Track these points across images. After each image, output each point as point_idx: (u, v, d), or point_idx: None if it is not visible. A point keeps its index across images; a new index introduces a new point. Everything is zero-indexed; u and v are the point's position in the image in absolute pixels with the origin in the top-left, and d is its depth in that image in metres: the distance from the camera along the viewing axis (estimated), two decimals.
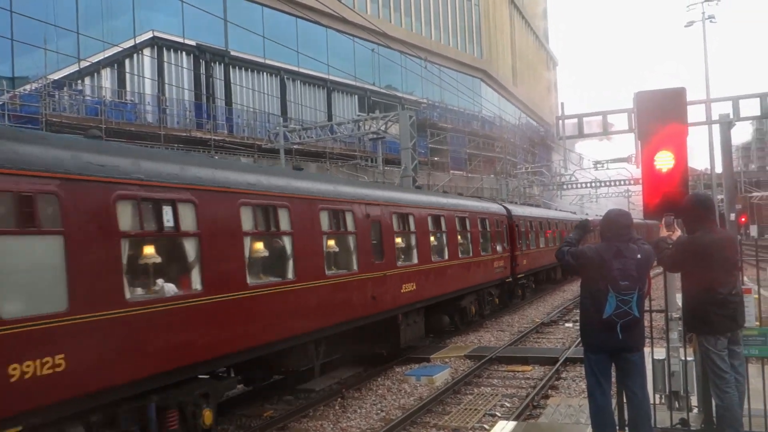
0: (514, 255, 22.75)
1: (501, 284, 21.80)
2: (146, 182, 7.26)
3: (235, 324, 8.40)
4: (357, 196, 12.38)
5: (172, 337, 7.39)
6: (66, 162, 6.45)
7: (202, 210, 7.96)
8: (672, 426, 6.62)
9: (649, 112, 6.92)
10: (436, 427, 9.93)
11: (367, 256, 12.24)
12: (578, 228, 6.35)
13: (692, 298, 5.98)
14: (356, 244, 11.91)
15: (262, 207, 9.29)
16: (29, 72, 27.04)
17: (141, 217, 7.14)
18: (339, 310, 11.17)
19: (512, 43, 70.45)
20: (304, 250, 10.14)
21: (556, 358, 13.96)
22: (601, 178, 53.82)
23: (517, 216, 23.99)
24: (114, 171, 6.94)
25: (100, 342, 6.45)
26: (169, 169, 7.79)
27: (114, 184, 6.86)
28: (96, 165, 6.78)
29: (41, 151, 6.29)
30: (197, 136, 29.59)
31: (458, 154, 48.80)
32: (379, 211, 12.97)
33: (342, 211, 11.59)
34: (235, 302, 8.38)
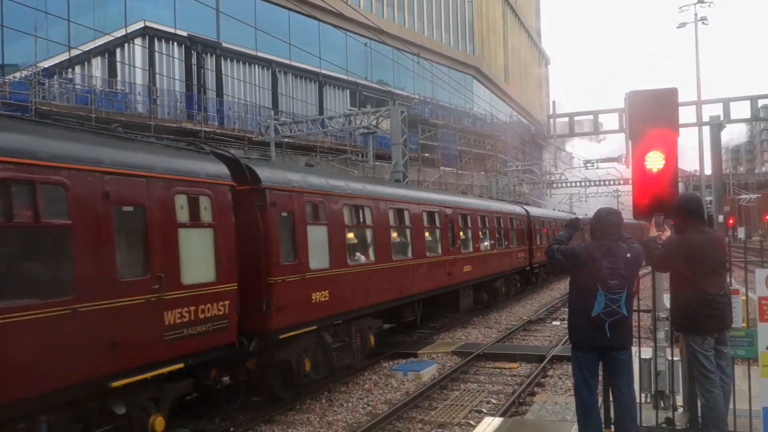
0: (531, 248, 27.28)
1: (522, 271, 26.90)
2: (350, 194, 12.64)
3: (387, 281, 13.76)
4: (442, 202, 17.93)
5: (364, 285, 12.72)
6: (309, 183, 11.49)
7: (374, 211, 13.47)
8: (657, 425, 6.65)
9: (640, 112, 6.94)
10: (423, 422, 9.94)
11: (446, 244, 17.53)
12: (568, 226, 6.37)
13: (680, 298, 6.01)
14: (441, 235, 17.32)
15: (396, 210, 14.73)
16: (19, 59, 26.85)
17: (351, 215, 12.68)
18: (431, 281, 16.38)
19: (505, 41, 70.52)
20: (418, 238, 15.70)
21: (543, 356, 14.03)
22: (590, 177, 54.01)
23: (533, 216, 29.11)
24: (338, 189, 12.30)
25: (342, 285, 11.77)
26: (365, 187, 13.70)
27: (339, 197, 12.15)
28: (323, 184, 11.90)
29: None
30: (188, 128, 29.44)
31: (449, 151, 48.81)
32: (451, 212, 18.13)
33: (433, 212, 17.01)
34: (388, 269, 13.85)
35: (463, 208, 19.41)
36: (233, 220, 8.90)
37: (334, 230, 11.67)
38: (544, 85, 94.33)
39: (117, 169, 7.11)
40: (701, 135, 21.49)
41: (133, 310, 7.13)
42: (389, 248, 13.97)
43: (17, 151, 6.08)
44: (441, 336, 17.51)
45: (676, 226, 6.29)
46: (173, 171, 8.01)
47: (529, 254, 26.92)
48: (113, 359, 6.82)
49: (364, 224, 13.15)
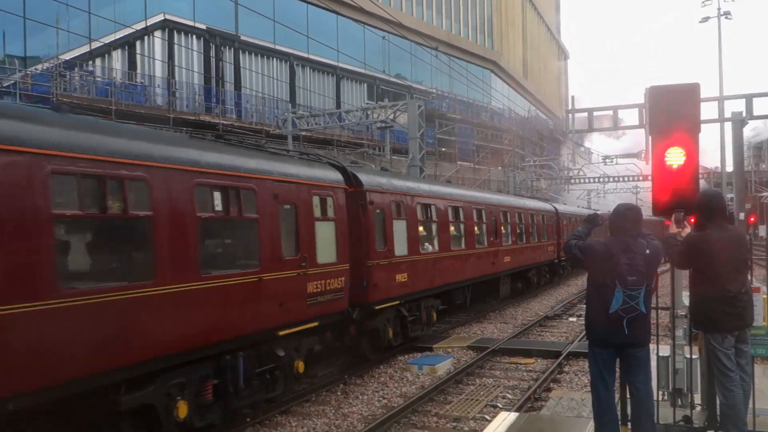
0: (559, 242, 29.02)
1: (551, 264, 29.18)
2: (421, 194, 15.40)
3: (446, 268, 16.43)
4: (487, 200, 20.75)
5: (431, 270, 15.41)
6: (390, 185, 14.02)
7: (438, 208, 16.12)
8: (675, 422, 6.61)
9: (661, 107, 6.85)
10: (438, 416, 9.96)
11: (491, 237, 20.26)
12: (587, 222, 6.33)
13: (701, 296, 5.95)
14: (486, 229, 19.91)
15: (453, 207, 17.31)
16: (41, 52, 27.07)
17: (421, 212, 15.23)
18: (479, 269, 19.10)
19: (524, 35, 70.06)
20: (469, 231, 18.28)
21: (559, 352, 13.98)
22: (609, 173, 53.59)
23: (561, 213, 31.39)
24: (413, 190, 15.12)
25: (416, 269, 14.45)
26: (431, 188, 16.82)
27: (414, 196, 14.90)
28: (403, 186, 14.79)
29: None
30: (206, 120, 29.58)
31: (466, 146, 48.64)
32: (494, 209, 20.91)
33: (480, 209, 19.54)
34: (448, 257, 16.49)
35: (503, 205, 22.37)
36: (346, 215, 11.62)
37: (411, 224, 14.51)
38: (563, 79, 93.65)
39: (281, 178, 9.82)
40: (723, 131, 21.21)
41: (291, 281, 9.84)
42: (449, 240, 16.77)
43: (236, 167, 8.88)
44: (457, 330, 17.51)
45: (697, 222, 6.22)
46: (311, 178, 10.72)
47: (557, 248, 29.08)
48: (280, 315, 9.54)
49: (431, 219, 15.85)
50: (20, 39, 27.40)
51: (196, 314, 7.85)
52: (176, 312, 7.54)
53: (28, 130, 6.11)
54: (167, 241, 7.47)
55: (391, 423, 9.43)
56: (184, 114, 29.42)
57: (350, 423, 9.62)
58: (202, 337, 7.96)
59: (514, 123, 56.61)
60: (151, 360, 7.20)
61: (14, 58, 27.10)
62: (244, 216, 8.83)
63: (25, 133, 6.05)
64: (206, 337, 8.04)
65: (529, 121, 61.57)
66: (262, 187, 9.19)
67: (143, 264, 7.39)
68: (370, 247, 12.47)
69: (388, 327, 13.30)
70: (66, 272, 6.55)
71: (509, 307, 22.22)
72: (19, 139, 5.95)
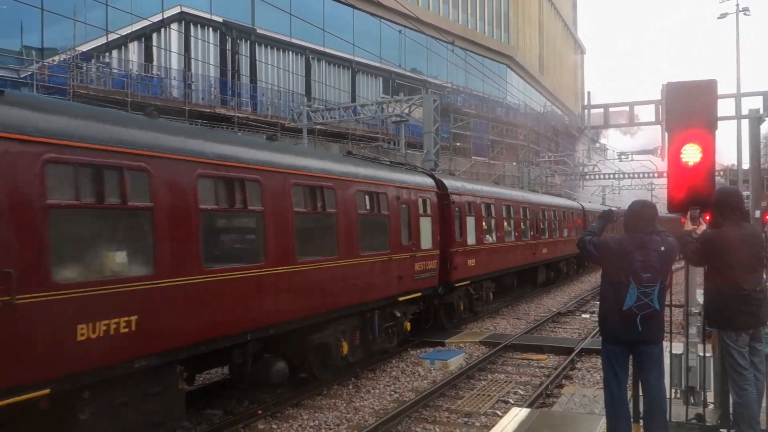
0: None
1: (578, 256, 30.50)
2: (484, 195, 18.61)
3: (500, 256, 19.78)
4: (529, 199, 24.10)
5: (491, 257, 18.63)
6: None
7: (495, 205, 19.24)
8: (687, 420, 6.58)
9: (678, 103, 6.79)
10: (449, 410, 9.97)
11: (533, 231, 23.59)
12: (601, 218, 6.29)
13: (715, 293, 5.91)
14: (528, 224, 23.05)
15: (506, 205, 20.57)
16: (58, 43, 27.27)
17: (484, 209, 18.29)
18: (523, 259, 22.35)
19: (540, 30, 69.66)
20: (517, 226, 21.65)
21: (571, 348, 13.94)
22: (624, 169, 53.21)
23: (588, 210, 33.94)
24: (480, 191, 18.69)
25: (480, 256, 17.57)
26: (491, 189, 20.49)
27: (481, 197, 18.35)
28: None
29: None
30: (221, 113, 29.68)
31: (481, 141, 48.47)
32: (535, 207, 24.32)
33: (526, 207, 22.89)
34: (502, 247, 19.93)
35: (542, 204, 25.72)
36: (437, 212, 14.99)
37: (477, 219, 17.76)
38: (579, 75, 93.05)
39: (400, 184, 13.27)
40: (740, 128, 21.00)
41: (406, 261, 13.22)
42: (503, 233, 20.24)
43: (378, 177, 12.52)
44: (469, 326, 17.50)
45: (712, 220, 6.17)
46: (416, 184, 14.24)
47: None
48: (399, 286, 12.87)
49: (490, 215, 19.04)
50: (38, 30, 27.62)
51: (356, 281, 11.22)
52: (346, 279, 10.90)
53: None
54: (345, 232, 10.93)
55: (403, 417, 9.45)
56: (200, 106, 29.53)
57: (361, 417, 9.65)
58: (357, 297, 11.31)
59: (529, 118, 56.33)
60: (331, 311, 10.51)
61: (32, 49, 27.30)
62: (381, 213, 12.35)
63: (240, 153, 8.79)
64: (360, 297, 11.40)
65: (544, 117, 61.25)
66: (391, 192, 12.77)
67: (330, 246, 10.68)
68: (451, 238, 15.81)
69: (460, 302, 16.93)
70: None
71: (522, 302, 22.18)
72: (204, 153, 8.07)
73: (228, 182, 8.20)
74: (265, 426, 9.20)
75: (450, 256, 15.63)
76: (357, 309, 11.41)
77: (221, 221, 8.73)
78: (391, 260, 12.47)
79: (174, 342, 7.24)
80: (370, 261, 11.74)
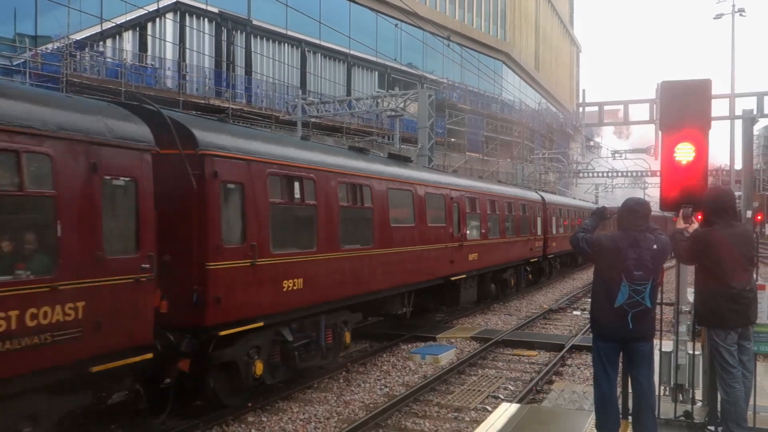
0: None
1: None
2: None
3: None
4: (552, 201, 29.59)
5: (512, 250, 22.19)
6: None
7: (513, 205, 22.70)
8: (675, 418, 6.62)
9: (672, 102, 6.80)
10: (439, 405, 10.00)
11: (561, 227, 28.84)
12: (594, 215, 6.31)
13: (705, 292, 5.94)
14: (552, 221, 27.51)
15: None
16: (52, 31, 27.04)
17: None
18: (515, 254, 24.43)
19: (536, 27, 69.62)
20: (558, 223, 27.87)
21: (562, 345, 14.00)
22: (618, 168, 53.36)
23: (549, 203, 35.44)
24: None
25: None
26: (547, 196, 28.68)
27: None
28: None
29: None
30: (215, 104, 29.56)
31: (476, 137, 48.46)
32: (558, 207, 29.24)
33: (560, 208, 28.44)
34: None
35: (563, 204, 31.10)
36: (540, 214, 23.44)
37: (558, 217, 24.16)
38: (575, 72, 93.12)
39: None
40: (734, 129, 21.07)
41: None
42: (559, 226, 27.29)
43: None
44: (460, 321, 17.54)
45: (704, 218, 6.20)
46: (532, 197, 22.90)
47: None
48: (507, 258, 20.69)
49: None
50: (31, 18, 27.41)
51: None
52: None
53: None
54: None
55: (393, 411, 9.48)
56: (194, 97, 29.39)
57: (352, 410, 9.67)
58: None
59: (524, 115, 56.36)
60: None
61: (25, 36, 27.09)
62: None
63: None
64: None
65: (539, 114, 61.30)
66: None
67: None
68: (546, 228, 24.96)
69: (546, 267, 24.32)
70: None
71: (514, 299, 22.23)
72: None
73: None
74: (254, 419, 9.20)
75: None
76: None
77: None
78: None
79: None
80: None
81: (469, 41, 49.42)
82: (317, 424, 9.04)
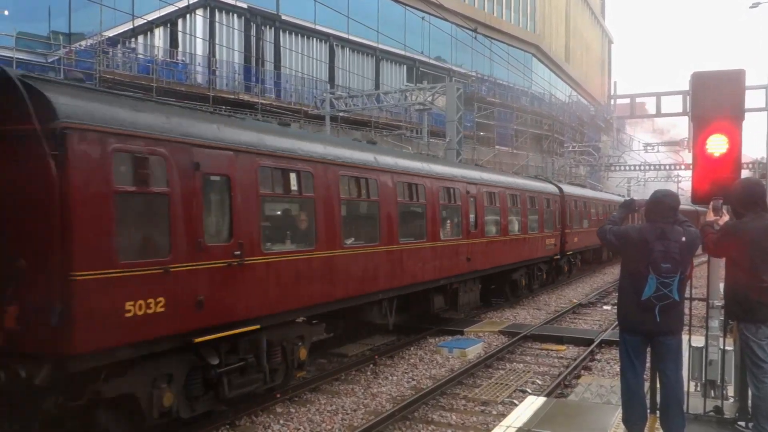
0: None
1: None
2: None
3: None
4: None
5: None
6: None
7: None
8: (705, 413, 6.53)
9: (705, 93, 6.69)
10: (466, 399, 9.99)
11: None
12: (622, 207, 6.24)
13: (735, 285, 5.84)
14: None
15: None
16: (85, 28, 27.48)
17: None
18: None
19: (567, 19, 68.82)
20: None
21: (591, 340, 13.87)
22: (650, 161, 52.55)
23: (567, 194, 35.17)
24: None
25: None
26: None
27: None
28: None
29: None
30: (245, 99, 29.79)
31: (505, 130, 48.07)
32: (579, 199, 28.05)
33: (582, 200, 28.14)
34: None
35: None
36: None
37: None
38: (606, 64, 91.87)
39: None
40: None
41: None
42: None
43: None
44: (489, 315, 17.47)
45: (734, 211, 6.09)
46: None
47: None
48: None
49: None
50: (65, 15, 27.85)
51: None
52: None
53: None
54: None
55: (420, 404, 9.49)
56: (224, 93, 29.67)
57: (379, 402, 9.71)
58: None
59: (554, 108, 55.78)
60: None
61: (59, 34, 27.56)
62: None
63: None
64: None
65: (569, 107, 60.62)
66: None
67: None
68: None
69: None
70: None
71: (543, 293, 22.08)
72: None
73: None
74: (282, 409, 9.29)
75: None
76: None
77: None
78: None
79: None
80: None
81: (498, 33, 49.08)
82: (344, 415, 9.10)
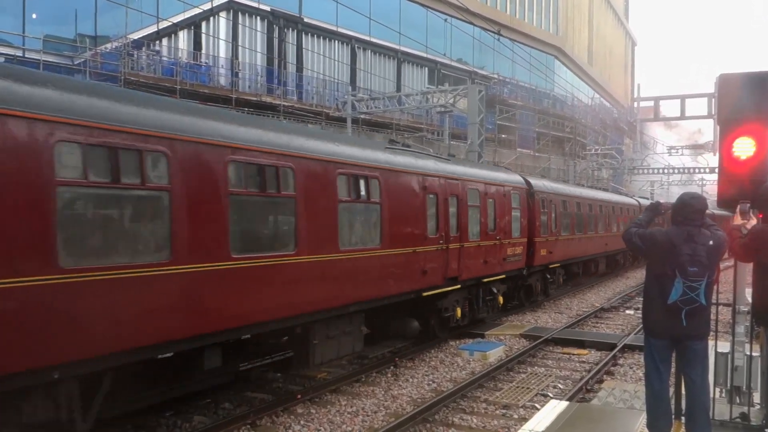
0: None
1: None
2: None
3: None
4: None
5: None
6: None
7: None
8: (731, 419, 6.44)
9: (731, 95, 6.59)
10: (487, 402, 9.94)
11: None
12: (648, 210, 6.17)
13: (763, 290, 5.75)
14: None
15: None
16: (110, 31, 27.84)
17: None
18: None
19: (590, 21, 68.31)
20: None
21: (614, 344, 13.74)
22: (674, 164, 52.01)
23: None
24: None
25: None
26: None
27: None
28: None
29: None
30: (267, 101, 29.95)
31: (527, 133, 47.79)
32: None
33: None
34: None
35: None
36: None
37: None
38: (629, 66, 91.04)
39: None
40: None
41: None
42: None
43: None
44: (510, 318, 17.38)
45: (762, 215, 5.99)
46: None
47: None
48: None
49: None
50: (91, 18, 28.24)
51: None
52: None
53: None
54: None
55: (440, 407, 9.47)
56: (246, 95, 29.85)
57: (399, 405, 9.70)
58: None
59: (577, 111, 55.40)
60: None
61: (85, 36, 27.96)
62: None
63: None
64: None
65: (592, 109, 60.17)
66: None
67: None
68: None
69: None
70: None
71: (564, 297, 21.93)
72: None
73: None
74: (303, 410, 9.31)
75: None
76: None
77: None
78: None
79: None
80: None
81: (520, 36, 48.84)
82: (365, 417, 9.10)
